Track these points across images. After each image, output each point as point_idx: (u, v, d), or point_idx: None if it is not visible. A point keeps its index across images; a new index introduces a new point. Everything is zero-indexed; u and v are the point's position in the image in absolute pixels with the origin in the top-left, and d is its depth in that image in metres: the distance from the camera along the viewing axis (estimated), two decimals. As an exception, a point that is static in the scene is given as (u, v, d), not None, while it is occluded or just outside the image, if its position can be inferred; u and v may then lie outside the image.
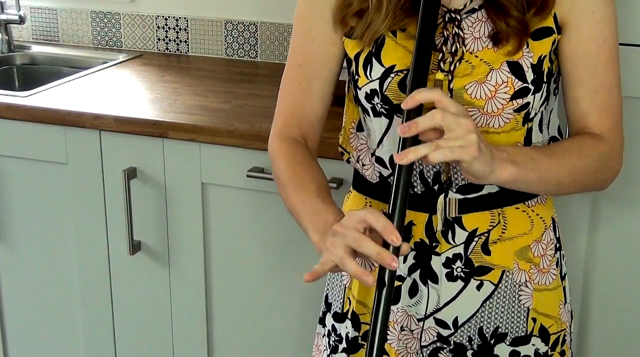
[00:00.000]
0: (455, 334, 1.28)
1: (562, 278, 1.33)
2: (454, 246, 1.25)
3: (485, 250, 1.25)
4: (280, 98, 1.34)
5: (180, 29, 2.47)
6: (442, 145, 1.04)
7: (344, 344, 1.36)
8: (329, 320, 1.39)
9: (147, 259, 1.97)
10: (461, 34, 1.17)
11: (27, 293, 2.12)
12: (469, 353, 1.29)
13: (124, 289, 2.01)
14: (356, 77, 1.24)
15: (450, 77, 1.16)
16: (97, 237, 1.99)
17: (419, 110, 1.07)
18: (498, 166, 1.10)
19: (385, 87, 1.20)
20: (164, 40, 2.49)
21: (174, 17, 2.46)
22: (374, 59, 1.21)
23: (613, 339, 1.73)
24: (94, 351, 2.10)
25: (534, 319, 1.29)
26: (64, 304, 2.09)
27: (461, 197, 1.24)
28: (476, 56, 1.17)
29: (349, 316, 1.34)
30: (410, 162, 1.04)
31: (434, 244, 1.26)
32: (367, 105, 1.24)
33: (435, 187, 1.24)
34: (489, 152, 1.08)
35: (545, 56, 1.18)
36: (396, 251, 1.04)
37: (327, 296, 1.41)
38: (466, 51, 1.17)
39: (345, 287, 1.35)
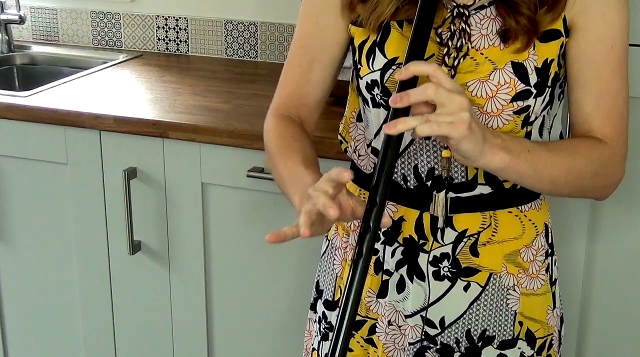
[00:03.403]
0: (442, 335, 1.28)
1: (552, 284, 1.33)
2: (442, 245, 1.25)
3: (474, 251, 1.25)
4: (281, 78, 1.35)
5: (180, 29, 2.47)
6: (432, 119, 1.02)
7: None
8: (320, 307, 1.40)
9: (147, 259, 1.96)
10: (468, 29, 1.16)
11: (27, 293, 2.12)
12: (456, 355, 1.29)
13: (124, 289, 2.01)
14: (359, 66, 1.24)
15: (453, 72, 1.16)
16: (97, 237, 1.99)
17: (414, 82, 1.05)
18: (489, 150, 1.08)
19: (386, 78, 1.20)
20: (164, 40, 2.49)
21: (174, 17, 2.46)
22: (377, 50, 1.21)
23: (612, 345, 1.73)
24: (94, 351, 2.10)
25: (521, 323, 1.29)
26: (64, 304, 2.09)
27: (454, 195, 1.23)
28: (481, 53, 1.17)
29: (340, 304, 1.35)
30: (399, 132, 1.02)
31: (422, 242, 1.26)
32: (367, 96, 1.24)
33: (429, 183, 1.23)
34: (481, 134, 1.06)
35: (552, 60, 1.18)
36: (376, 221, 1.02)
37: (318, 283, 1.42)
38: (471, 48, 1.16)
39: (336, 276, 1.36)
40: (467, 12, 1.17)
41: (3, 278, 2.13)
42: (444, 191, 1.22)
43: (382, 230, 1.28)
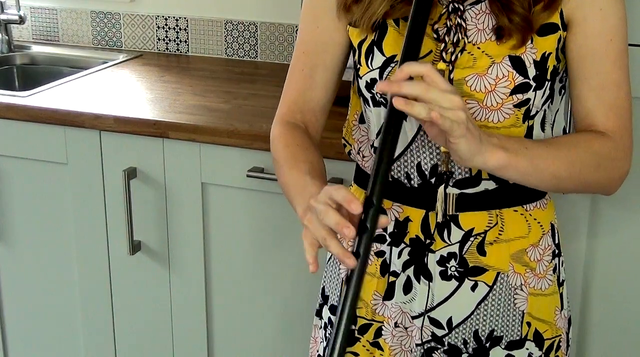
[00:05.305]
0: (450, 336, 1.28)
1: (560, 285, 1.32)
2: (449, 245, 1.25)
3: (481, 251, 1.25)
4: (286, 85, 1.35)
5: (180, 29, 2.47)
6: (435, 109, 1.01)
7: None
8: (326, 312, 1.39)
9: (147, 259, 1.97)
10: (464, 24, 1.16)
11: (27, 293, 2.12)
12: (464, 356, 1.29)
13: (124, 289, 2.01)
14: (358, 66, 1.24)
15: (451, 68, 1.16)
16: (97, 237, 1.99)
17: None
18: (486, 150, 1.08)
19: (385, 76, 1.20)
20: (164, 40, 2.49)
21: (174, 17, 2.46)
22: (375, 48, 1.21)
23: (613, 343, 1.73)
24: (94, 351, 2.10)
25: (529, 324, 1.28)
26: (64, 304, 2.09)
27: (458, 191, 1.23)
28: (478, 48, 1.16)
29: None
30: (406, 104, 1.00)
31: (429, 242, 1.25)
32: (367, 95, 1.24)
33: (432, 180, 1.23)
34: (477, 134, 1.07)
35: (550, 53, 1.18)
36: (373, 222, 1.01)
37: (323, 289, 1.41)
38: (468, 42, 1.16)
39: (342, 281, 1.35)
40: (462, 7, 1.17)
41: (3, 278, 2.13)
42: (443, 185, 1.22)
43: (388, 232, 1.28)
